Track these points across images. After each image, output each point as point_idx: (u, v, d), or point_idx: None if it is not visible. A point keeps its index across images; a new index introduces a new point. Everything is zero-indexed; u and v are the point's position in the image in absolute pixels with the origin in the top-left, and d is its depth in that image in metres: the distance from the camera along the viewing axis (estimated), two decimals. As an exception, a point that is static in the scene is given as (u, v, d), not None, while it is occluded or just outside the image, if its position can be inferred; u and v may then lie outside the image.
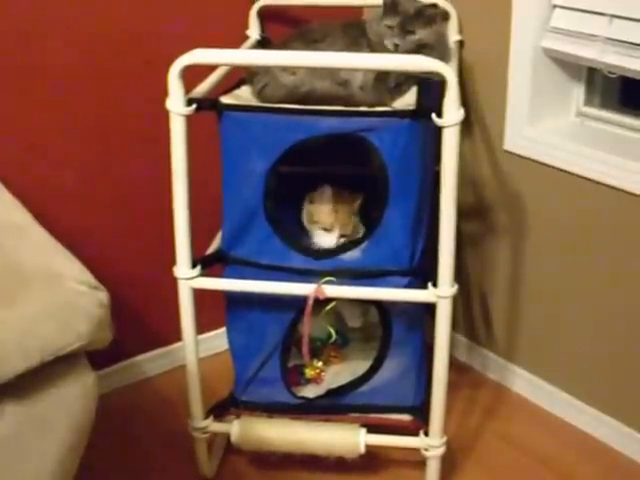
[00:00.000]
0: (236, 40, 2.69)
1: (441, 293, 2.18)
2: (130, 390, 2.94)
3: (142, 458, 2.65)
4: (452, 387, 2.74)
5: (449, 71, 1.98)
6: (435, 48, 2.35)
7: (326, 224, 2.39)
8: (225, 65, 2.36)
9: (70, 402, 1.72)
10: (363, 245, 2.30)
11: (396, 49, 2.31)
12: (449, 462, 2.55)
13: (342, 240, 2.38)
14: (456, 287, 2.20)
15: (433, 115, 2.03)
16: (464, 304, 3.02)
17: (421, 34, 2.33)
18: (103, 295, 1.79)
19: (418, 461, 2.45)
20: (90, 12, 2.53)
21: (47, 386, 1.69)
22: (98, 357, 2.70)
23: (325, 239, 2.40)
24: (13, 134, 2.53)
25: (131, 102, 2.65)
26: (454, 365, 2.95)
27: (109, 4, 2.56)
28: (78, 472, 1.84)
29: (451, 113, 2.01)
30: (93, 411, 1.79)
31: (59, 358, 1.69)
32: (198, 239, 2.31)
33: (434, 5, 2.37)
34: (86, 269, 1.82)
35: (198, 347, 2.38)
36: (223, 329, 2.52)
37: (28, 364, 1.62)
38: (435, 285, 2.19)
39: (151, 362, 2.99)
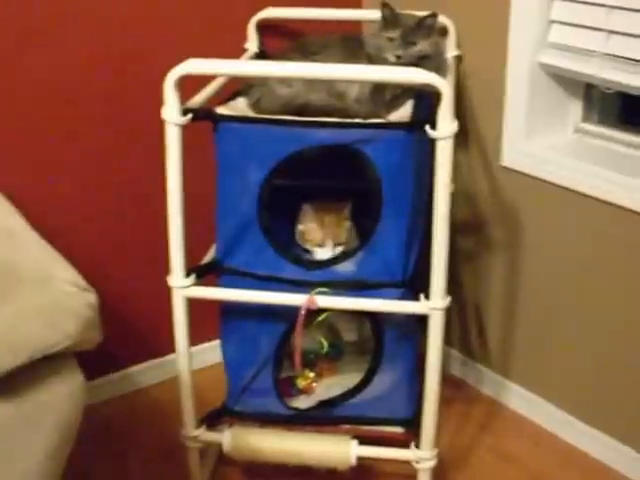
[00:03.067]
0: (235, 53, 2.71)
1: (433, 305, 2.19)
2: (124, 400, 2.95)
3: (135, 467, 2.66)
4: (446, 402, 2.75)
5: (443, 83, 1.99)
6: (434, 59, 2.37)
7: (316, 241, 2.41)
8: (219, 75, 2.37)
9: (58, 401, 1.73)
10: (356, 256, 2.31)
11: (398, 60, 2.33)
12: (442, 477, 2.56)
13: (338, 248, 2.40)
14: (448, 299, 2.20)
15: (427, 127, 2.04)
16: (459, 319, 3.02)
17: (422, 45, 2.35)
18: (92, 296, 1.81)
19: (410, 474, 2.44)
20: (91, 27, 2.56)
21: (35, 385, 1.71)
22: (94, 367, 2.72)
23: (321, 253, 2.41)
24: (11, 144, 2.55)
25: (129, 114, 2.68)
26: (449, 380, 2.97)
27: (110, 19, 2.59)
28: (71, 477, 1.86)
29: (445, 125, 2.02)
30: (81, 410, 1.80)
31: (47, 357, 1.70)
32: (194, 250, 2.33)
33: (433, 15, 2.38)
34: (76, 272, 1.84)
35: (191, 356, 2.38)
36: (217, 341, 2.53)
37: (16, 362, 1.64)
38: (427, 297, 2.19)
39: (146, 373, 3.00)
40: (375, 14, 2.55)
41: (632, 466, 2.58)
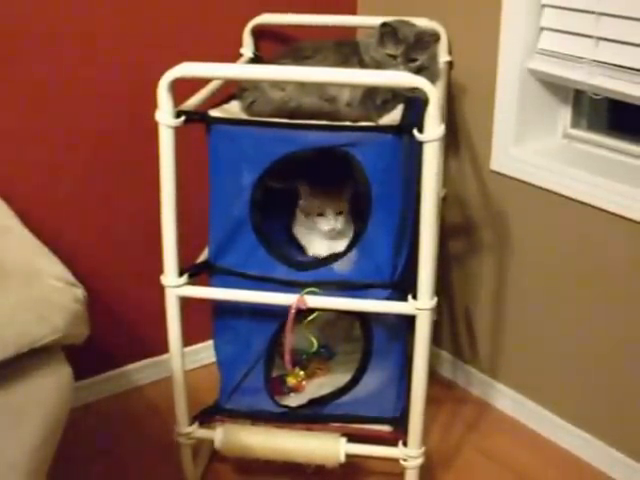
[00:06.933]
0: (230, 58, 2.75)
1: (420, 305, 2.21)
2: (120, 398, 2.98)
3: (130, 464, 2.69)
4: (436, 402, 2.79)
5: (430, 87, 2.02)
6: (429, 69, 2.40)
7: (315, 209, 2.45)
8: (212, 78, 2.42)
9: (45, 394, 1.75)
10: (346, 258, 2.34)
11: None
12: (430, 475, 2.59)
13: (340, 218, 2.44)
14: (435, 300, 2.22)
15: (414, 130, 2.07)
16: (449, 321, 3.05)
17: (422, 60, 2.38)
18: (79, 291, 1.84)
19: (397, 472, 2.46)
20: (88, 32, 2.60)
21: (22, 378, 1.72)
22: (89, 365, 2.76)
23: (324, 223, 2.45)
24: (9, 145, 2.58)
25: (125, 118, 2.71)
26: (438, 381, 3.01)
27: (107, 26, 2.62)
28: (65, 474, 1.88)
29: (432, 128, 2.05)
30: (68, 404, 1.81)
31: (35, 350, 1.72)
32: (190, 252, 2.37)
33: (431, 31, 2.43)
34: (65, 267, 1.87)
35: (184, 353, 2.41)
36: (212, 341, 2.55)
37: (3, 355, 1.66)
38: (415, 298, 2.22)
39: (141, 372, 3.03)
40: (370, 20, 2.59)
41: (616, 466, 2.60)
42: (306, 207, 2.49)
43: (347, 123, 2.25)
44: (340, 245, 2.43)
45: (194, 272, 2.36)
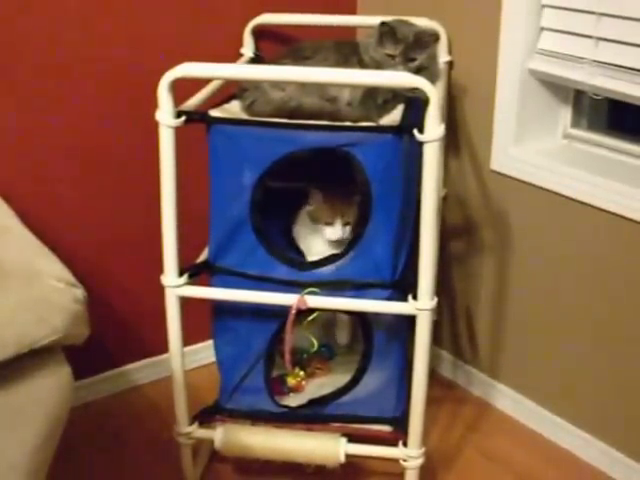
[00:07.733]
0: (231, 58, 2.76)
1: (421, 306, 2.21)
2: (120, 398, 2.98)
3: (129, 463, 2.69)
4: (436, 402, 2.78)
5: (430, 88, 2.02)
6: (429, 70, 2.39)
7: (325, 218, 2.44)
8: (212, 78, 2.42)
9: (45, 394, 1.75)
10: (346, 257, 2.33)
11: None
12: (430, 476, 2.59)
13: (347, 228, 2.43)
14: (435, 300, 2.22)
15: (414, 130, 2.07)
16: (450, 321, 3.05)
17: (421, 59, 2.37)
18: (80, 292, 1.83)
19: (398, 472, 2.46)
20: (90, 33, 2.60)
21: (23, 378, 1.72)
22: (90, 364, 2.76)
23: (331, 232, 2.44)
24: (15, 151, 2.59)
25: (125, 118, 2.71)
26: (439, 381, 3.01)
27: (107, 26, 2.62)
28: (65, 472, 1.87)
29: (432, 129, 2.05)
30: (68, 404, 1.81)
31: (35, 351, 1.72)
32: (190, 252, 2.38)
33: (430, 31, 2.43)
34: (65, 268, 1.87)
35: (184, 353, 2.41)
36: (212, 341, 2.55)
37: (3, 355, 1.66)
38: (415, 298, 2.22)
39: (141, 371, 3.03)
40: (370, 20, 2.59)
41: (616, 466, 2.60)
42: (315, 213, 2.48)
43: (347, 123, 2.25)
44: (340, 249, 2.42)
45: (194, 272, 2.36)
